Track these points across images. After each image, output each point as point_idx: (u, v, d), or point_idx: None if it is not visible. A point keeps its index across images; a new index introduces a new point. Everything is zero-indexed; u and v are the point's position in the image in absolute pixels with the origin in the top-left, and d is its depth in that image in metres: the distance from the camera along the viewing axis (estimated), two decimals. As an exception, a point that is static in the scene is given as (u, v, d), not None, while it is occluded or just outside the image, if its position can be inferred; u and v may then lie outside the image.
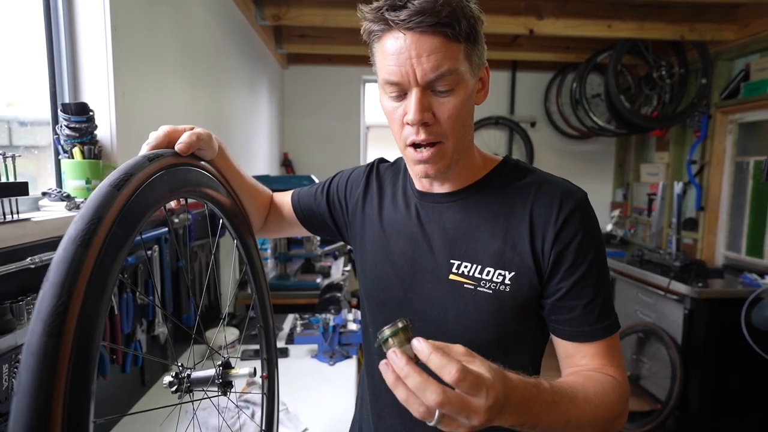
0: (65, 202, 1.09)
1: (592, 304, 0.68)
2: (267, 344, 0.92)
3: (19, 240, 0.89)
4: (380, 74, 0.66)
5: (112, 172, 0.50)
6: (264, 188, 0.95)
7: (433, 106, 0.64)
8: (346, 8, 2.85)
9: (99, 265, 0.42)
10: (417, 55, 0.60)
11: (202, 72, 2.00)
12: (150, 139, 0.64)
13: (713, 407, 2.67)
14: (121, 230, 0.45)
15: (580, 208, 0.69)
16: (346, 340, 1.68)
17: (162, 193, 0.55)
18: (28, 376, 0.36)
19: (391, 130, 0.71)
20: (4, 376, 0.81)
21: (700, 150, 3.43)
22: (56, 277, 0.39)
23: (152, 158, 0.55)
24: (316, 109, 4.24)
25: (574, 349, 0.70)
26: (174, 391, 0.70)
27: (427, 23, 0.59)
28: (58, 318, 0.38)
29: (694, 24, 3.05)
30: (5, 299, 0.84)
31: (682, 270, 2.75)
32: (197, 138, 0.65)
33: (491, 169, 0.77)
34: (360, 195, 0.88)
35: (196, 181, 0.66)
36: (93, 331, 0.40)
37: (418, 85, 0.62)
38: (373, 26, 0.64)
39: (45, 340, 0.37)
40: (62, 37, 1.21)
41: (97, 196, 0.46)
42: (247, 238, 0.84)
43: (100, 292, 0.41)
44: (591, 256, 0.68)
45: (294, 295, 2.47)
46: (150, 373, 1.45)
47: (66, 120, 1.15)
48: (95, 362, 0.40)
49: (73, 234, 0.42)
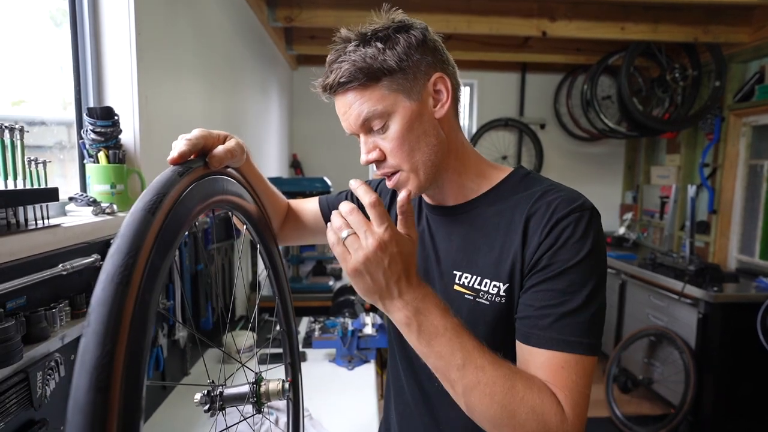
0: (92, 207, 1.09)
1: (550, 309, 0.62)
2: (290, 348, 0.91)
3: (50, 246, 0.89)
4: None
5: (143, 192, 0.47)
6: (280, 194, 0.96)
7: (379, 145, 0.72)
8: (359, 9, 2.84)
9: (140, 302, 0.39)
10: (344, 111, 0.71)
11: (218, 74, 1.99)
12: (181, 144, 0.60)
13: (727, 412, 2.65)
14: (158, 258, 0.43)
15: (573, 215, 0.65)
16: (364, 345, 1.67)
17: (192, 208, 0.52)
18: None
19: None
20: (38, 383, 0.81)
21: (712, 153, 3.41)
22: (98, 323, 0.37)
23: (183, 172, 0.53)
24: (325, 111, 4.20)
25: (524, 353, 0.64)
26: (207, 410, 0.67)
27: (336, 86, 0.69)
28: (104, 370, 0.35)
29: (707, 26, 3.03)
30: (39, 306, 0.84)
31: (697, 274, 2.73)
32: (231, 155, 0.64)
33: (499, 181, 0.77)
34: (386, 206, 0.91)
35: (224, 189, 0.64)
36: (140, 378, 0.38)
37: (359, 132, 0.72)
38: (322, 97, 0.75)
39: (92, 396, 0.34)
40: (87, 42, 1.21)
41: (131, 224, 0.42)
42: (270, 244, 0.83)
43: (142, 333, 0.39)
44: (567, 265, 0.63)
45: (307, 297, 2.46)
46: (171, 377, 1.45)
47: (92, 124, 1.15)
48: (142, 411, 0.38)
49: (111, 271, 0.39)
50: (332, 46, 0.71)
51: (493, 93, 4.28)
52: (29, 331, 0.79)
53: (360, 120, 0.70)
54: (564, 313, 0.62)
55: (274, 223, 0.93)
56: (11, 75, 1.11)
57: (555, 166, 4.29)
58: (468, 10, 2.96)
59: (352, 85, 0.68)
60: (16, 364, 0.75)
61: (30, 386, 0.78)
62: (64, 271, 0.88)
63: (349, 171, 4.21)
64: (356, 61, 0.67)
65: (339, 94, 0.71)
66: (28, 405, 0.79)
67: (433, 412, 0.79)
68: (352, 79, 0.68)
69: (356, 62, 0.67)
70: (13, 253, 0.79)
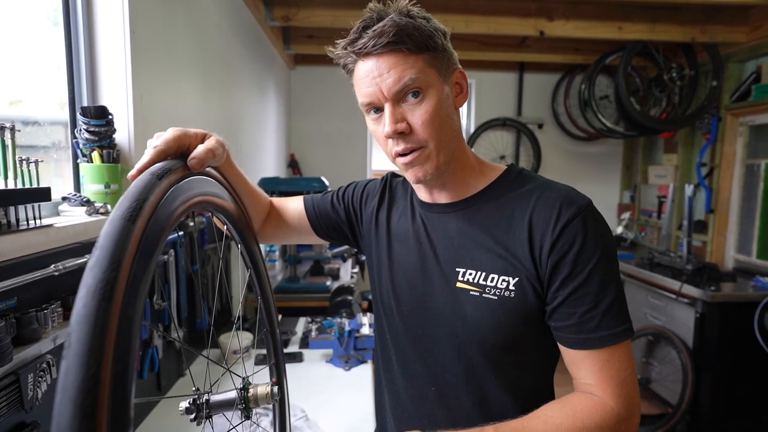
0: (85, 207, 1.08)
1: (591, 312, 0.66)
2: (274, 349, 0.89)
3: (42, 246, 0.88)
4: (359, 99, 0.73)
5: (121, 199, 0.44)
6: (262, 192, 0.93)
7: (406, 116, 0.69)
8: (356, 9, 2.84)
9: (124, 318, 0.37)
10: (380, 74, 0.67)
11: (214, 73, 1.98)
12: (158, 142, 0.59)
13: (725, 411, 2.65)
14: (141, 269, 0.40)
15: (580, 216, 0.67)
16: (361, 345, 1.66)
17: (173, 212, 0.50)
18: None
19: (382, 149, 0.75)
20: (29, 385, 0.80)
21: (709, 152, 3.42)
22: (81, 343, 0.34)
23: (162, 175, 0.50)
24: (323, 110, 4.23)
25: (574, 357, 0.69)
26: (193, 419, 0.64)
27: (381, 44, 0.66)
28: (89, 395, 0.33)
29: (705, 26, 3.03)
30: (30, 307, 0.83)
31: (694, 273, 2.73)
32: (212, 154, 0.61)
33: (495, 178, 0.78)
34: (375, 206, 0.90)
35: (204, 191, 0.61)
36: (127, 400, 0.36)
37: (388, 100, 0.68)
38: (344, 60, 0.72)
39: (78, 423, 0.32)
40: (81, 40, 1.20)
41: (110, 234, 0.40)
42: (250, 243, 0.82)
43: (127, 350, 0.37)
44: (592, 265, 0.66)
45: (304, 297, 2.45)
46: (166, 378, 1.44)
47: (85, 123, 1.14)
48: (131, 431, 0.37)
49: (92, 285, 0.36)
50: (366, 12, 0.70)
51: (490, 93, 4.27)
52: (20, 332, 0.78)
53: (399, 85, 0.67)
54: (605, 311, 0.66)
55: (255, 222, 0.91)
56: (8, 75, 1.09)
57: (553, 165, 4.28)
58: (466, 10, 2.95)
59: (400, 47, 0.66)
60: (6, 366, 0.74)
61: (21, 388, 0.77)
62: (56, 272, 0.87)
63: (346, 170, 4.21)
64: (406, 27, 0.66)
65: (379, 55, 0.67)
66: (19, 407, 0.78)
67: (432, 416, 0.78)
68: (400, 41, 0.66)
69: (407, 27, 0.66)
70: (4, 253, 0.78)
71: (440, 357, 0.76)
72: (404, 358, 0.81)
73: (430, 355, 0.77)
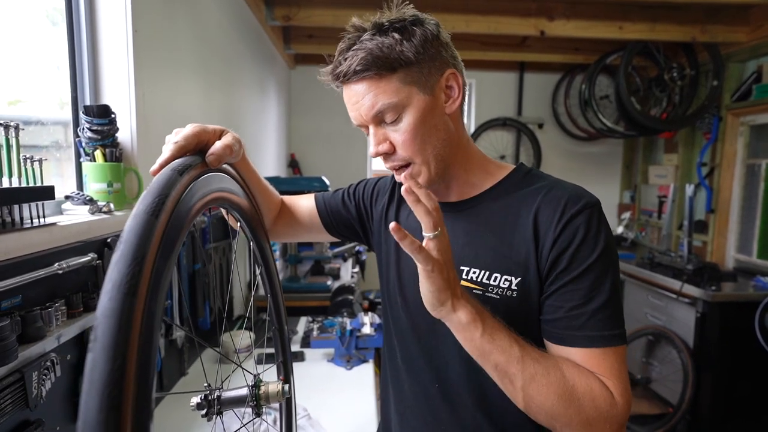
0: (88, 206, 1.08)
1: (580, 309, 0.64)
2: (282, 347, 0.90)
3: (46, 245, 0.88)
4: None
5: (144, 194, 0.45)
6: (274, 190, 0.95)
7: (389, 137, 0.70)
8: (357, 9, 2.83)
9: (147, 312, 0.38)
10: (356, 100, 0.69)
11: (216, 72, 1.98)
12: (178, 138, 0.60)
13: (725, 411, 2.65)
14: (162, 263, 0.42)
15: (585, 212, 0.66)
16: (362, 344, 1.66)
17: (192, 207, 0.51)
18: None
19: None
20: (34, 383, 0.80)
21: (710, 152, 3.42)
22: (107, 336, 0.35)
23: (182, 171, 0.51)
24: (323, 110, 4.23)
25: (560, 354, 0.66)
26: (204, 414, 0.65)
27: (351, 73, 0.67)
28: (116, 387, 0.34)
29: (705, 25, 3.04)
30: (35, 305, 0.83)
31: (695, 273, 2.73)
32: (230, 151, 0.63)
33: (503, 177, 0.77)
34: (385, 203, 0.91)
35: (220, 187, 0.62)
36: (149, 393, 0.37)
37: (370, 123, 0.70)
38: (331, 86, 0.73)
39: (105, 416, 0.33)
40: (84, 39, 1.20)
41: (135, 229, 0.41)
42: (262, 241, 0.82)
43: (150, 344, 0.37)
44: (588, 262, 0.65)
45: (305, 297, 2.45)
46: (168, 377, 1.44)
47: (88, 122, 1.14)
48: (152, 426, 0.37)
49: (117, 280, 0.37)
50: (344, 34, 0.70)
51: (491, 92, 4.27)
52: (24, 330, 0.78)
53: (373, 111, 0.68)
54: (594, 311, 0.64)
55: (266, 219, 0.92)
56: (8, 75, 1.09)
57: (553, 165, 4.28)
58: (466, 10, 2.95)
59: (367, 75, 0.66)
60: (11, 364, 0.74)
61: (25, 386, 0.77)
62: (60, 270, 0.87)
63: (347, 170, 4.21)
64: (372, 50, 0.65)
65: (351, 83, 0.69)
66: (23, 405, 0.78)
67: (435, 413, 0.78)
68: (367, 68, 0.66)
69: (372, 51, 0.65)
70: (8, 251, 0.78)
71: (443, 354, 0.76)
72: (408, 355, 0.81)
73: (434, 352, 0.77)
